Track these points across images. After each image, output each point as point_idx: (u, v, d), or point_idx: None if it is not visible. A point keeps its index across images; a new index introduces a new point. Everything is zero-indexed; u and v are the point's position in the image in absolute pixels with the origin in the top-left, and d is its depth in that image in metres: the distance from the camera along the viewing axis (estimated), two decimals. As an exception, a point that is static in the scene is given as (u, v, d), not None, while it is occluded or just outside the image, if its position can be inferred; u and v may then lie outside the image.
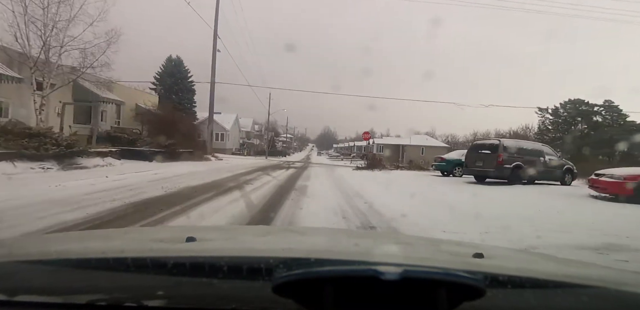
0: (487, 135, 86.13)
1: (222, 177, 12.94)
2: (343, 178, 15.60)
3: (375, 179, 15.22)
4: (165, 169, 13.83)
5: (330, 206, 7.52)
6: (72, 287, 0.86)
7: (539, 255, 2.09)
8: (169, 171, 13.27)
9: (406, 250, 1.38)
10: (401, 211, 6.87)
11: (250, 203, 7.62)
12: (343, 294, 0.69)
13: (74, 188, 8.16)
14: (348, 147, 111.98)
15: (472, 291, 0.69)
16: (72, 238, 1.60)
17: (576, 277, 1.05)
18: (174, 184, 9.76)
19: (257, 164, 23.77)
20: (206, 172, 14.57)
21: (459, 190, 12.14)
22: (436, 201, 9.20)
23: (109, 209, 6.05)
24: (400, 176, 17.90)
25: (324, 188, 11.38)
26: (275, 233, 1.97)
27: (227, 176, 13.47)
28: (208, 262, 0.87)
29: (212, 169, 16.47)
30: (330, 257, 1.08)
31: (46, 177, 9.88)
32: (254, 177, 13.68)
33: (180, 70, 44.69)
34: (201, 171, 14.57)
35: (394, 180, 15.11)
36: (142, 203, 6.84)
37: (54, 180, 9.08)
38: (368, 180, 14.75)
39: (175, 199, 7.50)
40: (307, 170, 20.56)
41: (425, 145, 62.28)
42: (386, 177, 16.42)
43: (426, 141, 63.31)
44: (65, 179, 9.54)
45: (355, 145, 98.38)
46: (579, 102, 58.61)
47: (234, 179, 12.62)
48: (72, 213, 5.48)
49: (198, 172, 14.14)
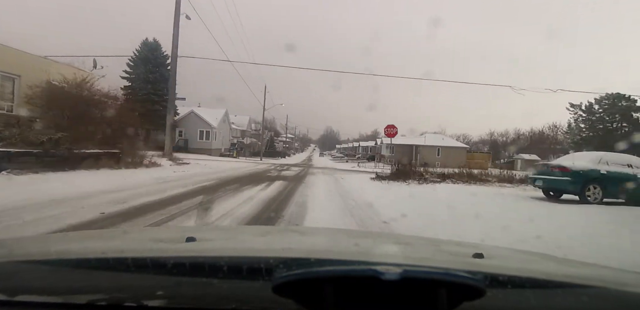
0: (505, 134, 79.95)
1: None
2: (374, 210, 7.60)
3: (443, 211, 7.66)
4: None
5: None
6: (72, 287, 0.85)
7: (539, 255, 1.82)
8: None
9: (406, 250, 1.40)
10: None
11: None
12: (343, 294, 0.68)
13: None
14: (352, 147, 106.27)
15: (472, 291, 0.69)
16: (72, 238, 1.59)
17: (576, 277, 1.07)
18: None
19: (233, 173, 16.65)
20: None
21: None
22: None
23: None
24: (474, 200, 9.85)
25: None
26: (275, 233, 1.96)
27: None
28: (208, 262, 0.87)
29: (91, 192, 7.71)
30: (330, 257, 1.08)
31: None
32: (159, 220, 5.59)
33: (157, 55, 37.69)
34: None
35: (486, 216, 7.28)
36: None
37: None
38: (435, 219, 6.72)
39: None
40: (305, 183, 13.26)
41: (442, 145, 55.16)
42: (452, 203, 8.70)
43: (442, 141, 56.15)
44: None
45: (360, 145, 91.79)
46: (617, 97, 51.42)
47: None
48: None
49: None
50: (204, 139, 39.34)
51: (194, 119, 39.29)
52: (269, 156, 63.04)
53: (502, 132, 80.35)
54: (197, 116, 39.21)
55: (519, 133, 74.63)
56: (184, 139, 39.18)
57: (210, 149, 39.22)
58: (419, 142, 54.90)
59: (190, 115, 39.52)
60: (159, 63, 37.41)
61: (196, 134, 39.25)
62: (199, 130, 39.26)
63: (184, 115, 39.36)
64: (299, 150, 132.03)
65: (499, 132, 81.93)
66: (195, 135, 39.25)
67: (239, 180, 12.80)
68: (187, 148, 38.93)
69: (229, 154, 39.76)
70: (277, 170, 20.81)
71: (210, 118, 39.64)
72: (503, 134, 79.93)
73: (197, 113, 39.24)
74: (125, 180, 9.81)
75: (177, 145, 38.99)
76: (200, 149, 38.76)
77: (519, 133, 74.63)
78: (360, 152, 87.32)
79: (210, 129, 39.34)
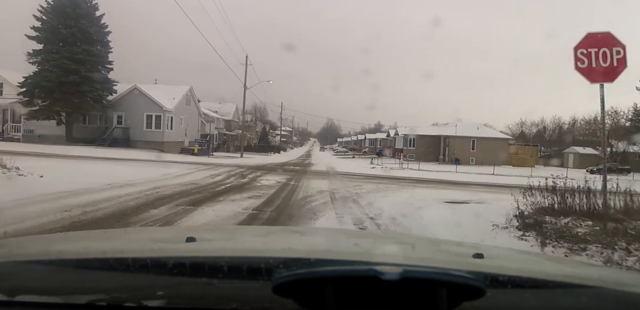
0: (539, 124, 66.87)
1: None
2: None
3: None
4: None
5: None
6: (72, 287, 0.84)
7: (539, 255, 1.93)
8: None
9: (406, 250, 1.38)
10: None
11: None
12: (343, 294, 0.68)
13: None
14: (356, 141, 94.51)
15: (472, 291, 0.69)
16: (72, 238, 1.57)
17: (576, 277, 1.06)
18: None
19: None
20: None
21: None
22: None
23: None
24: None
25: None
26: (275, 233, 1.92)
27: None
28: (208, 262, 0.87)
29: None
30: (330, 257, 1.08)
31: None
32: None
33: (80, 4, 25.45)
34: None
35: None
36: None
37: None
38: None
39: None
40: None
41: (478, 136, 42.86)
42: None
43: (477, 131, 43.77)
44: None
45: (367, 138, 79.70)
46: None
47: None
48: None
49: None
50: (153, 128, 27.12)
51: (139, 100, 27.09)
52: (260, 151, 51.37)
53: (534, 122, 67.89)
54: (143, 95, 27.00)
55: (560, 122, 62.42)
56: (123, 128, 27.02)
57: (163, 141, 27.03)
58: (449, 133, 42.75)
59: (132, 94, 27.28)
60: (80, 14, 25.07)
61: (142, 120, 27.09)
62: (146, 115, 27.07)
63: (123, 93, 27.17)
64: (297, 144, 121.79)
65: (531, 121, 69.22)
66: (142, 123, 27.10)
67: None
68: (129, 141, 26.78)
69: (190, 150, 27.58)
70: (214, 195, 8.78)
71: (162, 98, 27.41)
72: (536, 124, 67.72)
73: (142, 90, 27.01)
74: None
75: (112, 136, 26.70)
76: (149, 142, 26.64)
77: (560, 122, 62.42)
78: (368, 145, 75.36)
79: (161, 113, 27.07)
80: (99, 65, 25.75)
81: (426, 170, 24.95)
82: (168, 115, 27.40)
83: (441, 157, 42.93)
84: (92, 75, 24.74)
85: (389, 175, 18.76)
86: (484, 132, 44.48)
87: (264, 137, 70.48)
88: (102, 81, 25.74)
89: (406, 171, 23.74)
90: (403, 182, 15.48)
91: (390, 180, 15.64)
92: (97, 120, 27.49)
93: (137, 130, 26.89)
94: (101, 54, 26.07)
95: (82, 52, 24.54)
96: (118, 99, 27.14)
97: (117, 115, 27.22)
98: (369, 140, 76.62)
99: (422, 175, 20.03)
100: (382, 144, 64.65)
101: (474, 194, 11.07)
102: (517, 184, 8.70)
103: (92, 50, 25.17)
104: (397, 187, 13.11)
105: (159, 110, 26.92)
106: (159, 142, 26.77)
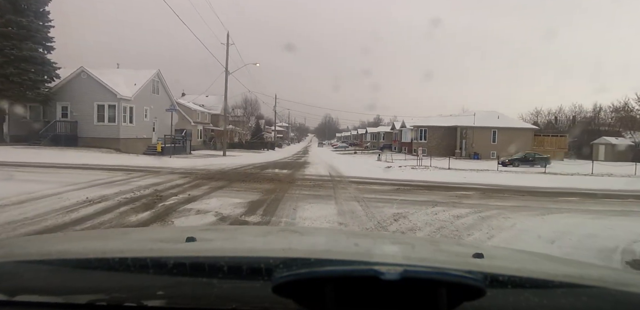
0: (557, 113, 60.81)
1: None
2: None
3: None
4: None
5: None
6: (72, 287, 0.85)
7: (539, 255, 1.87)
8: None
9: (406, 250, 1.37)
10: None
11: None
12: (343, 294, 0.68)
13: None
14: (357, 135, 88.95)
15: (472, 291, 0.69)
16: (72, 238, 1.59)
17: (576, 277, 1.06)
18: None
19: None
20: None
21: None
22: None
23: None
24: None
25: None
26: (275, 233, 1.90)
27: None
28: (208, 262, 0.86)
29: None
30: (330, 257, 1.07)
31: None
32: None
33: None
34: None
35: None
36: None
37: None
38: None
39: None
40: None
41: (499, 126, 37.26)
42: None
43: (498, 120, 38.19)
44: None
45: (368, 132, 74.05)
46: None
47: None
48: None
49: None
50: (106, 121, 21.46)
51: (89, 86, 21.42)
52: (252, 148, 45.98)
53: (551, 110, 62.05)
54: (93, 80, 21.31)
55: (580, 109, 56.50)
56: (68, 122, 21.35)
57: (119, 138, 21.39)
58: (466, 123, 37.23)
59: (79, 78, 21.58)
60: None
61: (93, 111, 21.42)
62: (97, 105, 21.38)
63: (68, 78, 21.49)
64: (294, 140, 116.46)
65: (548, 109, 63.30)
66: (92, 115, 21.44)
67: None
68: (76, 138, 21.14)
69: (152, 149, 21.95)
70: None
71: (119, 84, 21.71)
72: (553, 113, 61.93)
73: (91, 74, 21.32)
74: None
75: (53, 133, 21.00)
76: (102, 138, 21.04)
77: (580, 109, 56.50)
78: (370, 139, 69.71)
79: (116, 103, 21.38)
80: (30, 41, 20.02)
81: (460, 169, 19.30)
82: (125, 105, 21.73)
83: (457, 152, 37.34)
84: (22, 53, 19.07)
85: (424, 180, 13.20)
86: (506, 121, 38.84)
87: (257, 132, 64.89)
88: (37, 62, 20.08)
89: (434, 172, 18.14)
90: (465, 195, 9.83)
91: (441, 191, 10.03)
92: (35, 112, 21.83)
93: (86, 125, 21.29)
94: (35, 27, 20.34)
95: (6, 23, 18.84)
96: (62, 85, 21.49)
97: (61, 106, 21.57)
98: (371, 135, 70.97)
99: (473, 180, 14.18)
100: (386, 138, 59.07)
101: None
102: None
103: (20, 22, 19.46)
104: (486, 213, 7.45)
105: (114, 99, 21.25)
106: (114, 139, 21.16)
